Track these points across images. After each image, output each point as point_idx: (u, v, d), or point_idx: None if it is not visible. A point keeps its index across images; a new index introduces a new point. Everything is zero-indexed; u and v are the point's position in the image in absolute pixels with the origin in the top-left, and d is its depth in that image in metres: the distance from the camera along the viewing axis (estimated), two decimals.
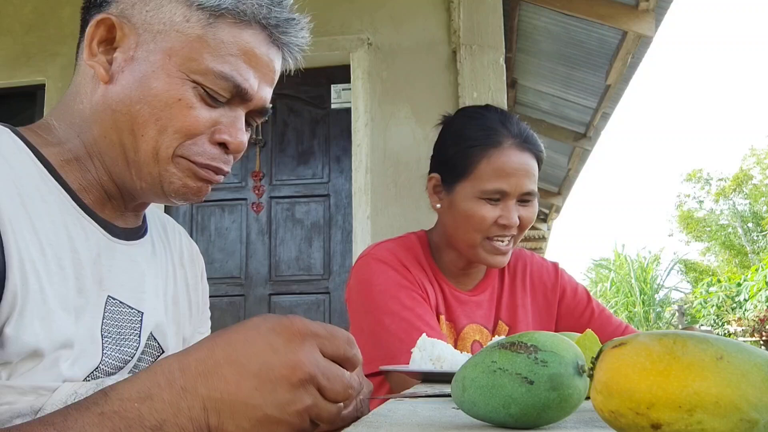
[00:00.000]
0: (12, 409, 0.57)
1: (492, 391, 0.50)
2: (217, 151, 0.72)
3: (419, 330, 1.10)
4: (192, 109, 0.69)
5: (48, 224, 0.63)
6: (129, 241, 0.75)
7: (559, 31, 4.07)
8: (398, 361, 1.10)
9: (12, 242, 0.58)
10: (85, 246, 0.67)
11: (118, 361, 0.69)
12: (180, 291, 0.85)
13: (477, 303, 1.29)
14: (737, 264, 20.78)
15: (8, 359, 0.57)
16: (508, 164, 1.17)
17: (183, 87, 0.68)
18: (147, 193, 0.72)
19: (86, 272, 0.67)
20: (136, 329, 0.72)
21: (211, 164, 0.72)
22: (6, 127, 0.68)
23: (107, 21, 0.69)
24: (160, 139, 0.68)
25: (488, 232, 1.19)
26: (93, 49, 0.70)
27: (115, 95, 0.69)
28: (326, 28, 3.29)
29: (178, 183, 0.71)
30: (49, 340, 0.59)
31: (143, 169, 0.70)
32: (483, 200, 1.18)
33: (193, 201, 0.75)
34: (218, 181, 0.74)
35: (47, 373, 0.59)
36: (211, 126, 0.71)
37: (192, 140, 0.70)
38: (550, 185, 7.11)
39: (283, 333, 0.52)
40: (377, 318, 1.17)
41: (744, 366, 0.38)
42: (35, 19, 3.61)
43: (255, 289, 3.43)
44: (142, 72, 0.68)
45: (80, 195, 0.70)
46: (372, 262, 1.23)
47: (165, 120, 0.68)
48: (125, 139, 0.69)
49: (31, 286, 0.59)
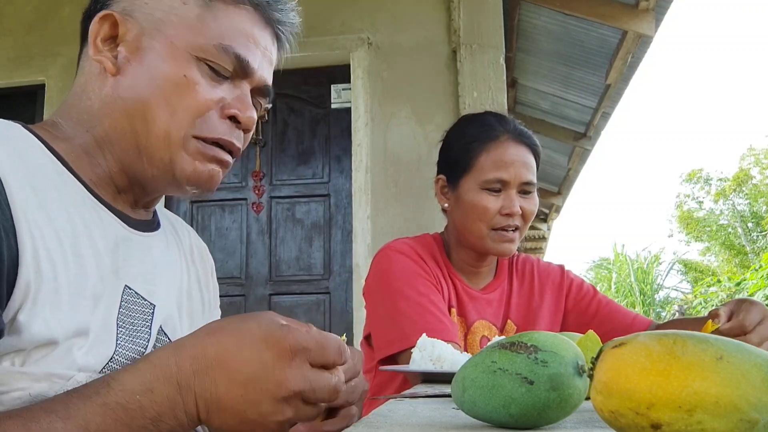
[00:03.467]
0: (25, 395, 0.57)
1: (492, 391, 0.50)
2: (227, 125, 0.73)
3: (432, 314, 1.19)
4: (198, 86, 0.70)
5: (63, 214, 0.63)
6: (144, 232, 0.76)
7: (559, 30, 4.07)
8: (411, 342, 1.13)
9: (26, 231, 0.58)
10: (102, 235, 0.68)
11: (132, 352, 0.69)
12: (193, 286, 0.86)
13: (487, 301, 1.35)
14: (737, 264, 20.78)
15: (22, 346, 0.58)
16: (506, 155, 1.26)
17: (188, 64, 0.70)
18: (158, 181, 0.73)
19: (105, 261, 0.67)
20: (147, 321, 0.73)
21: (222, 138, 0.73)
22: (17, 122, 0.69)
23: (110, 17, 0.71)
24: (172, 121, 0.70)
25: (493, 222, 1.26)
26: (98, 46, 0.71)
27: (126, 84, 0.70)
28: (326, 28, 3.29)
29: (189, 168, 0.72)
30: (62, 328, 0.60)
31: (155, 154, 0.71)
32: (485, 191, 1.26)
33: (205, 189, 0.75)
34: (229, 161, 0.75)
35: (61, 361, 0.60)
36: (219, 102, 0.72)
37: (202, 118, 0.71)
38: (550, 185, 7.11)
39: (274, 347, 0.54)
40: (394, 302, 1.23)
41: (744, 366, 0.38)
42: (36, 19, 3.61)
43: (255, 289, 3.43)
44: (149, 59, 0.70)
45: (93, 188, 0.70)
46: (391, 253, 1.30)
47: (174, 101, 0.70)
48: (137, 125, 0.70)
49: (45, 276, 0.59)
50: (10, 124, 0.67)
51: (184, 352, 0.55)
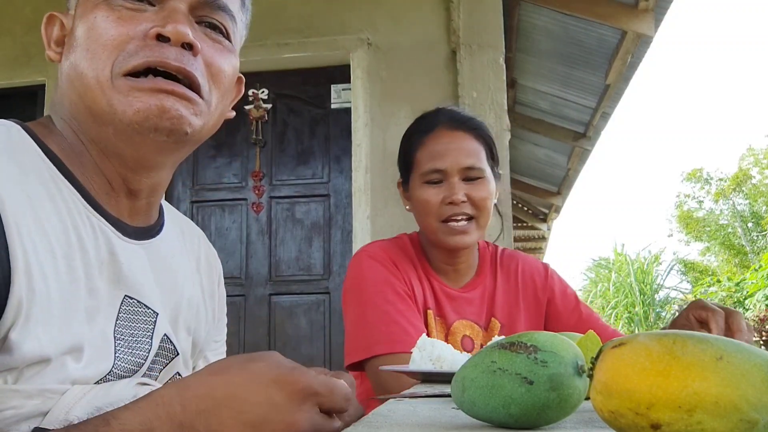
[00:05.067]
0: (18, 413, 0.56)
1: (492, 391, 0.50)
2: (152, 46, 0.65)
3: (397, 323, 1.17)
4: (109, 20, 0.66)
5: (57, 224, 0.62)
6: (140, 240, 0.73)
7: (559, 30, 4.07)
8: (374, 351, 1.16)
9: (18, 246, 0.57)
10: (94, 245, 0.66)
11: (131, 364, 0.68)
12: (196, 295, 0.83)
13: (467, 300, 1.32)
14: (737, 264, 20.78)
15: (14, 365, 0.57)
16: (440, 144, 1.25)
17: (97, 6, 0.67)
18: (120, 136, 0.67)
19: (96, 272, 0.65)
20: (149, 331, 0.71)
21: (149, 61, 0.65)
22: (15, 122, 0.67)
23: (52, 19, 0.73)
24: (93, 65, 0.65)
25: (440, 214, 1.24)
26: (52, 47, 0.73)
27: (67, 65, 0.70)
28: (326, 28, 3.29)
29: (130, 109, 0.64)
30: (54, 345, 0.58)
31: (95, 108, 0.66)
32: (426, 184, 1.25)
33: (168, 128, 0.66)
34: (176, 89, 0.66)
35: (55, 376, 0.59)
36: (143, 32, 0.66)
37: (123, 52, 0.65)
38: (549, 185, 7.11)
39: (285, 389, 0.54)
40: (362, 310, 1.23)
41: (744, 366, 0.38)
42: (35, 19, 3.60)
43: (255, 289, 3.43)
44: (76, 33, 0.69)
45: (87, 187, 0.68)
46: (363, 259, 1.28)
47: (92, 45, 0.66)
48: (78, 88, 0.68)
49: (38, 291, 0.58)
50: (8, 127, 0.66)
51: (188, 391, 0.54)
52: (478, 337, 1.30)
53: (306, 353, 3.26)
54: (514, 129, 4.58)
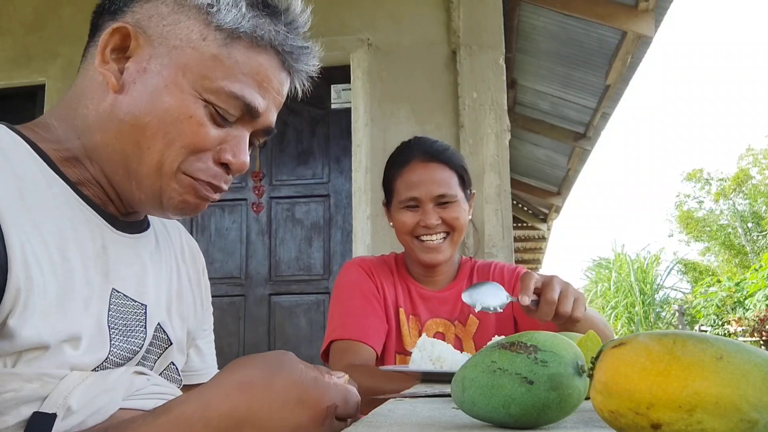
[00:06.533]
0: (17, 396, 0.57)
1: (492, 391, 0.50)
2: (220, 170, 0.73)
3: (352, 315, 1.37)
4: (202, 127, 0.69)
5: (50, 217, 0.63)
6: (132, 234, 0.75)
7: (559, 31, 4.07)
8: (332, 336, 1.34)
9: (14, 236, 0.58)
10: (89, 237, 0.67)
11: (126, 351, 0.69)
12: (184, 285, 0.86)
13: (442, 299, 1.47)
14: (737, 264, 20.77)
15: (13, 350, 0.58)
16: (414, 176, 1.41)
17: (195, 104, 0.68)
18: (144, 204, 0.72)
19: (92, 263, 0.67)
20: (141, 321, 0.72)
21: (212, 182, 0.72)
22: (2, 124, 0.68)
23: (123, 30, 0.69)
24: (166, 153, 0.68)
25: (414, 233, 1.42)
26: (106, 56, 0.69)
27: (125, 105, 0.68)
28: (326, 28, 3.28)
29: (178, 198, 0.71)
30: (52, 332, 0.60)
31: (144, 181, 0.70)
32: (404, 209, 1.43)
33: (189, 216, 0.75)
34: (215, 199, 0.75)
35: (53, 361, 0.60)
36: (218, 144, 0.71)
37: (196, 156, 0.70)
38: (549, 185, 7.11)
39: (311, 409, 0.56)
40: (333, 304, 1.45)
41: (744, 366, 0.38)
42: (35, 19, 3.61)
43: (255, 289, 3.43)
44: (154, 85, 0.68)
45: (81, 188, 0.70)
46: (346, 267, 1.49)
47: (173, 135, 0.68)
48: (129, 149, 0.68)
49: (35, 280, 0.59)
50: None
51: (212, 409, 0.55)
52: (450, 332, 1.44)
53: (306, 353, 3.26)
54: (514, 129, 4.58)
